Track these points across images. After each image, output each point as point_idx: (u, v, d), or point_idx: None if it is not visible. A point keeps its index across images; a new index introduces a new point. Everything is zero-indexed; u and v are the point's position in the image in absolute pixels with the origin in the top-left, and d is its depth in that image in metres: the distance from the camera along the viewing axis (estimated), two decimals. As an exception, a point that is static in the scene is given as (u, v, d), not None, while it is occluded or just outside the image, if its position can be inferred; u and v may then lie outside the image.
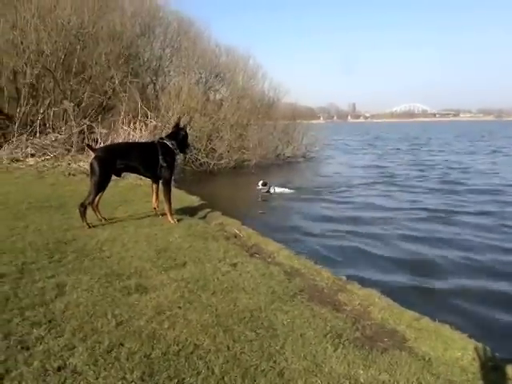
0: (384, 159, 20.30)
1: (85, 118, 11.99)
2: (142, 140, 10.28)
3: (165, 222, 5.28)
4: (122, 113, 11.90)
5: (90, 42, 12.90)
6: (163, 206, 5.46)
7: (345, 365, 2.33)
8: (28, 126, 11.70)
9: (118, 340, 2.45)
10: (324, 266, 4.08)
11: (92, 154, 5.19)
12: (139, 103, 12.28)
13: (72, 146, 11.30)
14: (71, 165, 10.21)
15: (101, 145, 10.31)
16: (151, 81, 15.60)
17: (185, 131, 5.83)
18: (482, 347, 2.60)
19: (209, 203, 7.01)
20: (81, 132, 11.59)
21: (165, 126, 11.79)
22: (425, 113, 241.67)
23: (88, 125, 11.68)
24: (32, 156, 10.87)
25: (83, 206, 4.96)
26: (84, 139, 11.29)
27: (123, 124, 11.57)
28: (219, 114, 14.58)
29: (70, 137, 11.51)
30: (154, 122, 11.93)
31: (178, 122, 5.94)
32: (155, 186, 5.56)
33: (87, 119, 11.98)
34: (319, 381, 2.19)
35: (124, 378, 2.11)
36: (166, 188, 5.42)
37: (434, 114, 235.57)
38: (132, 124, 11.52)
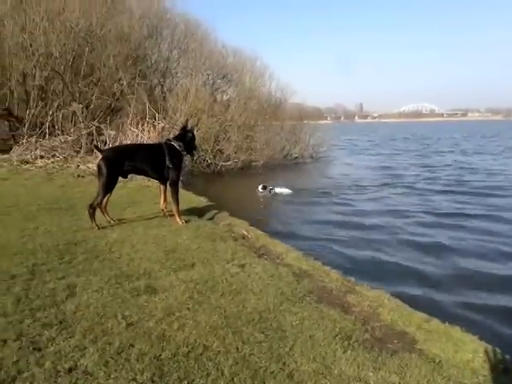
0: (392, 160, 20.19)
1: (93, 120, 12.09)
2: (150, 141, 10.35)
3: (173, 223, 5.30)
4: (130, 114, 11.98)
5: (99, 45, 13.02)
6: (171, 207, 5.49)
7: (354, 367, 2.33)
8: (37, 128, 11.81)
9: (129, 341, 2.47)
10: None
11: (99, 155, 5.22)
12: (147, 105, 12.34)
13: (81, 148, 11.37)
14: (80, 166, 10.26)
15: (109, 146, 10.37)
16: (159, 82, 15.71)
17: (192, 133, 5.85)
18: (493, 349, 2.58)
19: (216, 204, 7.02)
20: (89, 134, 11.68)
21: (172, 128, 11.85)
22: (433, 112, 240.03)
23: (97, 126, 11.77)
24: (41, 158, 10.95)
25: (92, 208, 5.00)
26: (93, 141, 11.34)
27: (131, 125, 11.65)
28: (226, 115, 14.63)
29: (79, 138, 11.59)
30: (162, 124, 11.99)
31: (186, 124, 5.95)
32: (163, 188, 5.59)
33: (96, 121, 12.07)
34: (329, 383, 2.18)
35: (134, 380, 2.12)
36: (174, 189, 5.43)
37: (442, 114, 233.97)
38: (140, 126, 11.59)
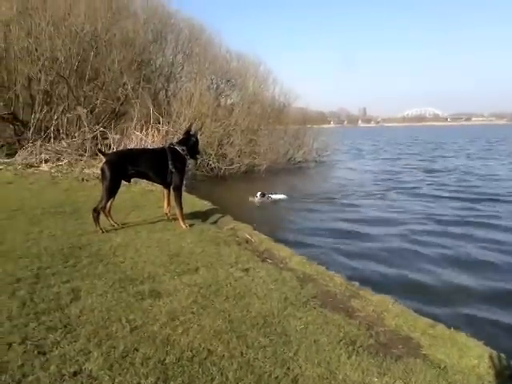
0: (395, 164, 20.14)
1: (98, 124, 12.14)
2: (154, 146, 10.39)
3: (177, 227, 5.31)
4: (135, 119, 12.03)
5: (103, 49, 13.09)
6: (175, 211, 5.50)
7: (359, 372, 2.32)
8: (42, 132, 11.87)
9: (133, 345, 2.47)
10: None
11: (103, 159, 5.23)
12: (151, 109, 12.39)
13: (85, 152, 11.40)
14: (84, 170, 10.30)
15: (113, 150, 10.42)
16: (163, 87, 15.77)
17: (195, 137, 5.87)
18: (498, 355, 2.57)
19: (220, 208, 7.01)
20: (94, 138, 11.73)
21: (176, 132, 11.87)
22: (436, 117, 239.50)
23: (101, 130, 11.83)
24: (46, 161, 11.00)
25: (96, 211, 5.02)
26: (97, 145, 11.39)
27: (135, 130, 11.70)
28: (230, 120, 14.67)
29: (84, 142, 11.63)
30: (166, 128, 12.03)
31: (189, 129, 5.98)
32: (166, 192, 5.61)
33: (100, 125, 12.13)
34: (333, 388, 2.18)
35: (139, 384, 2.13)
36: (177, 193, 5.45)
37: (446, 118, 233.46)
38: (144, 130, 11.64)
